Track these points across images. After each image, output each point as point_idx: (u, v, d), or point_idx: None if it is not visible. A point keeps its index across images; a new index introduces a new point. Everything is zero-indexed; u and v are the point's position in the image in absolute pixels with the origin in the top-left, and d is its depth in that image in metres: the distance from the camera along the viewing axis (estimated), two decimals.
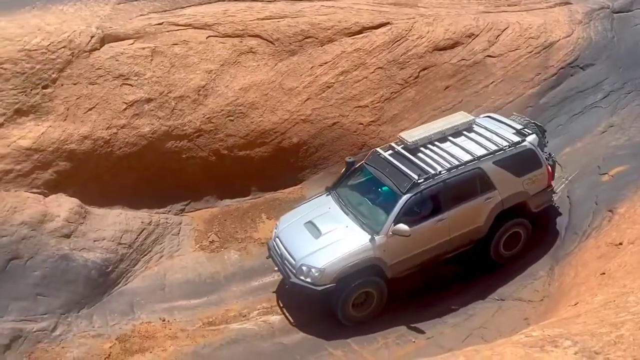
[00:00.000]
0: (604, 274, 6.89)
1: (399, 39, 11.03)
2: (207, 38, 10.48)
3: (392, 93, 10.79)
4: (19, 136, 8.82)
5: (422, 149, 8.52)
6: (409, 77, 10.87)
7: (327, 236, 8.13)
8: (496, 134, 8.69)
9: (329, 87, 10.64)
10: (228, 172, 10.35)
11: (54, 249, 8.37)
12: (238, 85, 10.37)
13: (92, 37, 9.75)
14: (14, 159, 8.68)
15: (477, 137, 8.67)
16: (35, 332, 7.74)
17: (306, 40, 10.80)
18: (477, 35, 11.34)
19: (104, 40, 9.87)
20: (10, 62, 9.00)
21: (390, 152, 8.66)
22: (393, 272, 8.18)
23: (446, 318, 8.34)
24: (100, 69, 9.63)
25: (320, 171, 10.61)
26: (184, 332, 8.19)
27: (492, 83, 11.07)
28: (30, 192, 8.71)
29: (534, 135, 8.82)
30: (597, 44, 11.66)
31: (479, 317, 8.24)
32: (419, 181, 7.96)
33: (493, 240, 8.66)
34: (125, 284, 8.80)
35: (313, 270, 7.84)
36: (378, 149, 8.82)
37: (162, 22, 10.40)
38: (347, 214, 8.37)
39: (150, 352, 7.87)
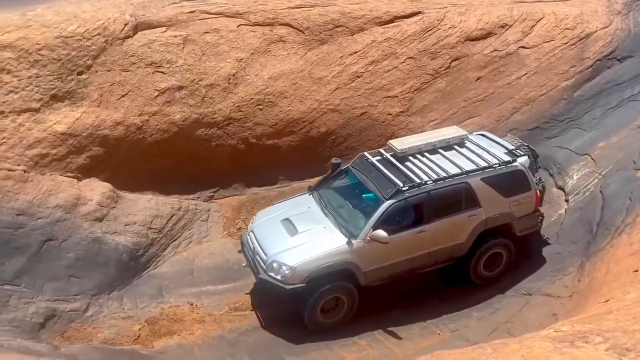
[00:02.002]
0: (637, 271, 6.73)
1: (430, 28, 10.90)
2: (238, 26, 10.54)
3: (422, 83, 10.70)
4: (54, 121, 9.02)
5: (410, 158, 8.38)
6: (440, 67, 10.76)
7: (303, 235, 7.94)
8: (487, 151, 8.50)
9: (359, 77, 10.61)
10: (256, 160, 10.43)
11: (87, 231, 8.57)
12: (268, 74, 10.41)
13: (125, 24, 9.89)
14: (49, 144, 8.88)
15: (468, 153, 8.50)
16: (68, 311, 7.93)
17: (336, 29, 10.77)
18: (511, 26, 11.13)
19: (137, 27, 10.00)
20: (47, 48, 9.17)
21: (378, 157, 8.52)
22: (367, 280, 7.96)
23: (471, 311, 8.28)
24: (133, 56, 9.77)
25: (348, 161, 10.56)
26: (211, 316, 8.32)
27: (525, 75, 10.87)
28: (65, 176, 8.92)
29: (525, 157, 8.61)
30: (636, 36, 11.32)
31: (505, 311, 8.15)
32: (403, 188, 7.77)
33: (473, 259, 8.44)
34: (155, 268, 8.97)
35: (284, 267, 7.62)
36: (366, 153, 8.69)
37: (194, 11, 10.49)
38: (326, 215, 8.18)
39: (178, 335, 8.00)
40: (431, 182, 7.93)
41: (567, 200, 9.52)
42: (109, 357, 7.29)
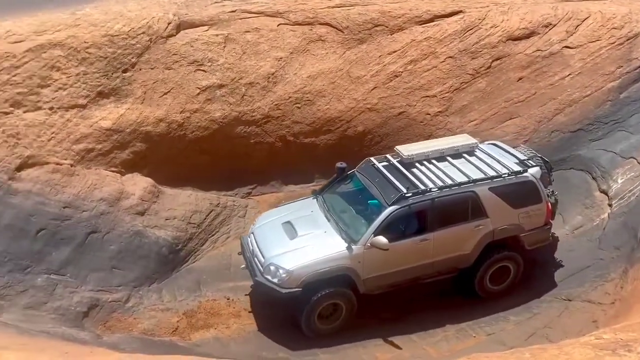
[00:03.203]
0: None
1: (471, 27, 10.77)
2: (278, 26, 10.64)
3: (462, 83, 10.57)
4: (100, 117, 9.27)
5: (417, 164, 8.24)
6: (481, 67, 10.61)
7: (303, 239, 7.85)
8: (497, 160, 8.29)
9: (397, 76, 10.56)
10: (293, 158, 10.49)
11: (129, 225, 8.79)
12: (306, 73, 10.47)
13: (169, 23, 10.10)
14: (95, 139, 9.14)
15: (477, 162, 8.30)
16: (110, 302, 8.17)
17: (376, 28, 10.75)
18: (555, 25, 10.87)
19: (180, 26, 10.20)
20: (94, 46, 9.43)
21: (384, 163, 8.42)
22: (367, 288, 7.82)
23: (508, 315, 8.19)
24: (175, 54, 9.95)
25: None
26: (246, 311, 8.43)
27: (568, 75, 10.60)
28: (109, 171, 9.16)
29: (537, 168, 8.36)
30: None
31: (543, 316, 8.04)
32: (406, 195, 7.62)
33: (479, 272, 8.21)
34: (193, 262, 9.16)
35: (281, 271, 7.53)
36: (372, 158, 8.58)
37: (236, 10, 10.63)
38: (328, 220, 8.08)
39: (215, 329, 8.16)
40: (436, 189, 7.75)
41: (610, 205, 9.26)
42: (148, 348, 7.48)
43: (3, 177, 8.20)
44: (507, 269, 8.41)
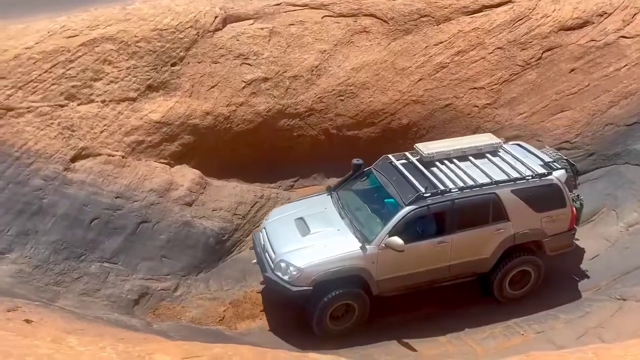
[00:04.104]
0: None
1: (521, 18, 10.48)
2: (322, 18, 10.60)
3: (511, 75, 10.32)
4: (150, 110, 9.45)
5: (437, 163, 8.00)
6: (531, 58, 10.33)
7: (315, 236, 7.70)
8: (521, 162, 7.99)
9: (444, 68, 10.39)
10: (335, 151, 10.45)
11: (178, 215, 8.97)
12: (350, 65, 10.41)
13: (215, 17, 10.19)
14: (145, 131, 9.33)
15: (500, 162, 8.00)
16: (159, 290, 8.37)
17: (422, 19, 10.58)
18: (610, 14, 10.49)
19: (226, 20, 10.27)
20: (144, 40, 9.61)
21: (403, 161, 8.20)
22: (380, 289, 7.62)
23: (558, 313, 8.00)
24: (222, 48, 10.03)
25: None
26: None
27: (625, 66, 10.21)
28: (159, 162, 9.34)
29: (562, 171, 8.05)
30: None
31: (595, 315, 7.79)
32: (425, 194, 7.39)
33: (498, 276, 7.95)
34: (239, 253, 9.28)
35: (291, 268, 7.38)
36: (389, 156, 8.34)
37: (280, 3, 10.64)
38: (342, 218, 7.90)
39: (260, 319, 8.27)
40: (456, 190, 7.53)
41: None
42: (196, 336, 7.61)
43: (59, 167, 8.49)
44: (528, 273, 8.18)
